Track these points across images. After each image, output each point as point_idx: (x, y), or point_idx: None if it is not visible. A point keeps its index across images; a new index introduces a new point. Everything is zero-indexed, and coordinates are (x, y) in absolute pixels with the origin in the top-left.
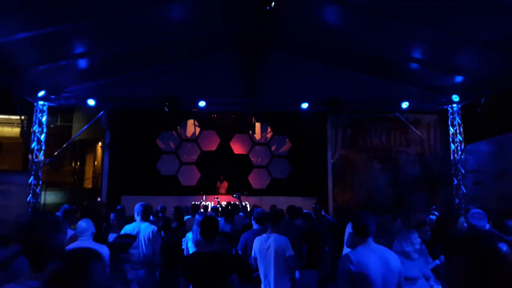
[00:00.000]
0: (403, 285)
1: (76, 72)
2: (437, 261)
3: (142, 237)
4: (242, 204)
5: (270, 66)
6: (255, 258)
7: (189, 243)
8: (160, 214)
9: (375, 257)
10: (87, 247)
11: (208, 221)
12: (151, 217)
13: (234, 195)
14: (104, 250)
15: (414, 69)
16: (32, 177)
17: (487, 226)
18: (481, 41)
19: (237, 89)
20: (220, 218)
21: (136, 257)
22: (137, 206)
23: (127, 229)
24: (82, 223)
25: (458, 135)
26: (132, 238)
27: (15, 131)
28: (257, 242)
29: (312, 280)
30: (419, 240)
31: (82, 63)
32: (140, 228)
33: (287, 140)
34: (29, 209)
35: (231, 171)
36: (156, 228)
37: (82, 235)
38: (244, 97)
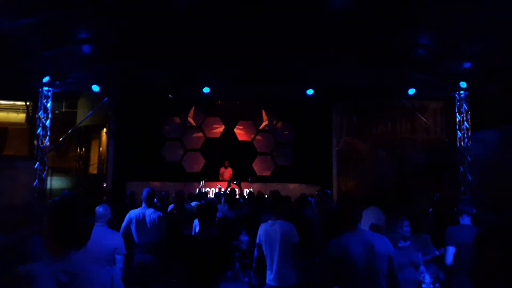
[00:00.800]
0: (395, 270)
1: (81, 57)
2: (436, 252)
3: (148, 223)
4: (241, 191)
5: (275, 51)
6: (260, 245)
7: (197, 229)
8: (165, 200)
9: (359, 242)
10: None
11: (206, 207)
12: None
13: (234, 182)
14: (117, 236)
15: (421, 55)
16: (38, 163)
17: (474, 210)
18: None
19: (242, 75)
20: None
21: (142, 243)
22: (143, 192)
23: (132, 214)
24: (100, 209)
25: (465, 122)
26: None
27: (21, 117)
28: (262, 228)
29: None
30: (408, 228)
31: (86, 48)
32: (145, 214)
33: (292, 127)
34: (35, 194)
35: (235, 158)
36: (161, 214)
37: (99, 221)
38: (248, 83)
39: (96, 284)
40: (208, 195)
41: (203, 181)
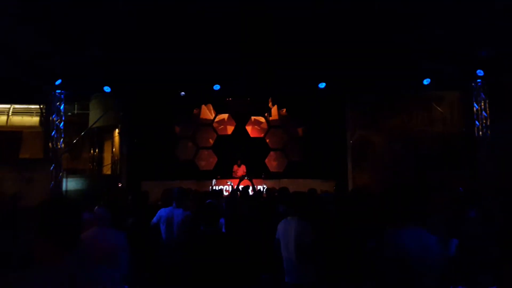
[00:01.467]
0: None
1: (91, 59)
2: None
3: (176, 223)
4: (254, 187)
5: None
6: (278, 240)
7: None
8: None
9: (414, 237)
10: None
11: (207, 207)
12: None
13: (246, 178)
14: (121, 236)
15: (435, 44)
16: (53, 165)
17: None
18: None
19: (253, 71)
20: None
21: (169, 242)
22: (174, 191)
23: (162, 212)
24: (100, 210)
25: (483, 112)
26: None
27: (35, 120)
28: (281, 224)
29: None
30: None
31: (97, 50)
32: (175, 214)
33: (304, 121)
34: (52, 197)
35: (247, 154)
36: (190, 213)
37: (100, 222)
38: (260, 79)
39: (96, 285)
40: (223, 193)
41: (214, 180)
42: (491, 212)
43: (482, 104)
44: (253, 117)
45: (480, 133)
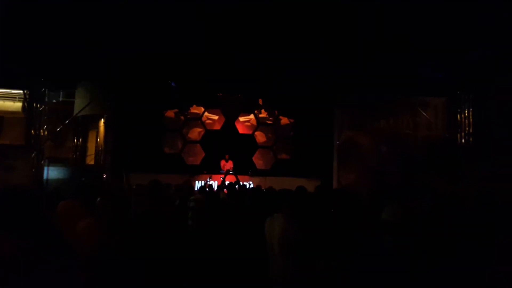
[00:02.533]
0: None
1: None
2: None
3: None
4: (239, 182)
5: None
6: (264, 237)
7: None
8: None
9: None
10: None
11: None
12: None
13: (231, 172)
14: None
15: (423, 50)
16: (34, 152)
17: None
18: None
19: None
20: None
21: None
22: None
23: None
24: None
25: (467, 120)
26: None
27: (17, 105)
28: (267, 222)
29: None
30: None
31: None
32: None
33: (293, 120)
34: (32, 184)
35: (235, 151)
36: None
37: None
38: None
39: None
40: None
41: (210, 177)
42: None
43: (466, 112)
44: (242, 114)
45: (463, 140)
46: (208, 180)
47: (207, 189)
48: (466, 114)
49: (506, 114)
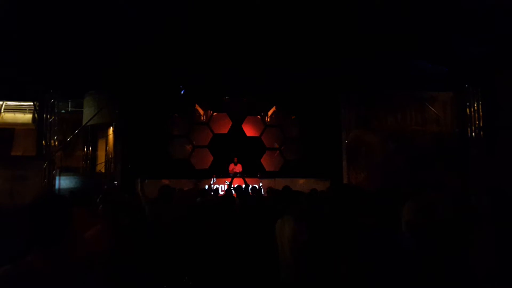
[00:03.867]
0: None
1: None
2: None
3: None
4: (247, 185)
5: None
6: (275, 239)
7: None
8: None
9: None
10: None
11: None
12: None
13: (238, 175)
14: None
15: (430, 44)
16: (46, 163)
17: None
18: None
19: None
20: None
21: None
22: None
23: None
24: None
25: (476, 113)
26: None
27: (27, 117)
28: (277, 224)
29: None
30: None
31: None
32: None
33: (300, 121)
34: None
35: (243, 153)
36: None
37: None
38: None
39: None
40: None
41: (214, 178)
42: None
43: (475, 105)
44: (249, 116)
45: (473, 134)
46: (211, 183)
47: (212, 192)
48: (476, 108)
49: None
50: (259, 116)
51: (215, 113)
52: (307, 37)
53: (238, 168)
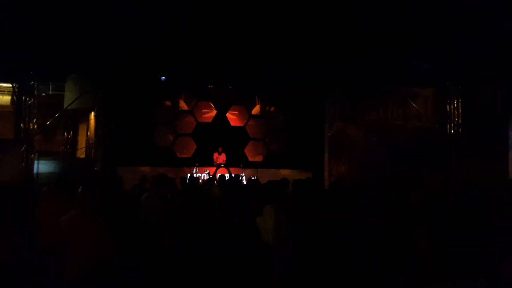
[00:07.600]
0: None
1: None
2: None
3: None
4: (231, 176)
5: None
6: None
7: None
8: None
9: None
10: None
11: None
12: None
13: (222, 166)
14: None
15: (413, 42)
16: (24, 146)
17: None
18: None
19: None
20: None
21: None
22: None
23: None
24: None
25: (455, 110)
26: None
27: (6, 99)
28: (260, 215)
29: None
30: None
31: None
32: None
33: (284, 113)
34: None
35: (227, 143)
36: None
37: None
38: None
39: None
40: (200, 181)
41: (196, 168)
42: None
43: (455, 102)
44: (234, 106)
45: (452, 130)
46: (194, 172)
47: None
48: (455, 105)
49: (493, 105)
50: (243, 106)
51: (199, 101)
52: (293, 33)
53: (222, 157)
